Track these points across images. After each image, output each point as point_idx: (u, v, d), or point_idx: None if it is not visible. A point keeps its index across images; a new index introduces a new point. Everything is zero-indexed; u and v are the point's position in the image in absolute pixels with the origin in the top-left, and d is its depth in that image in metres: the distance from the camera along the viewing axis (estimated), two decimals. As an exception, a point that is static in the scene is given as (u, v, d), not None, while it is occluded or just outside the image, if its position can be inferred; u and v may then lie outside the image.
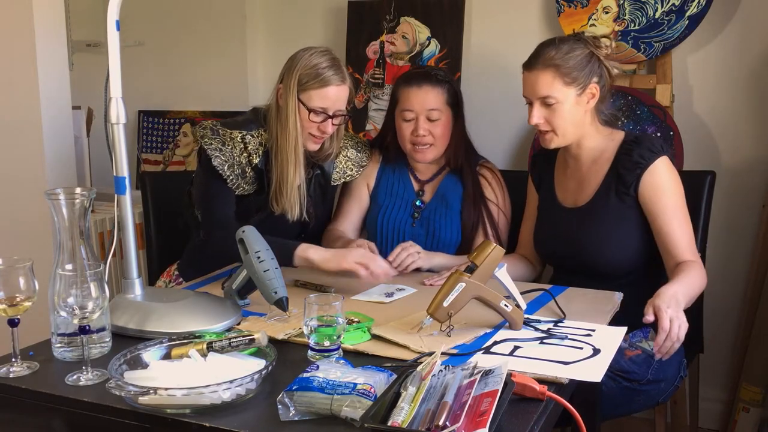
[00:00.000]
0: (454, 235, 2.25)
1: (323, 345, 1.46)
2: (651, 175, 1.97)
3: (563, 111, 1.98)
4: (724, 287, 2.62)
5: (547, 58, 1.97)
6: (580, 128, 2.03)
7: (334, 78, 2.07)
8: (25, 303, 1.44)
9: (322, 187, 2.26)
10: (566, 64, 1.96)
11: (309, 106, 2.07)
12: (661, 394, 2.00)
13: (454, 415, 1.15)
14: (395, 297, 1.89)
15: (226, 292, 1.79)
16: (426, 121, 2.20)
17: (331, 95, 2.07)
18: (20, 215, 2.55)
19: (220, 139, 2.10)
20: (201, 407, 1.26)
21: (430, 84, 2.21)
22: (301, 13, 3.12)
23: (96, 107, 3.18)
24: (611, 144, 2.05)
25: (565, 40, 2.01)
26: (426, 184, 2.33)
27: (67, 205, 1.48)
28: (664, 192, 1.97)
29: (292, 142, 2.08)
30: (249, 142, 2.12)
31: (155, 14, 3.32)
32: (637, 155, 1.98)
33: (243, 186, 2.13)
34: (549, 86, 1.97)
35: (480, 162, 2.32)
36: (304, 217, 2.19)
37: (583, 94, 1.99)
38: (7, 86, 2.53)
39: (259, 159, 2.12)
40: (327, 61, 2.08)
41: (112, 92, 1.62)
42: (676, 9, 2.47)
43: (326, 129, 2.10)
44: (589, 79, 1.98)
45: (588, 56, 1.98)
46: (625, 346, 1.94)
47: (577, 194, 2.09)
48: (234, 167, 2.10)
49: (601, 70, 2.00)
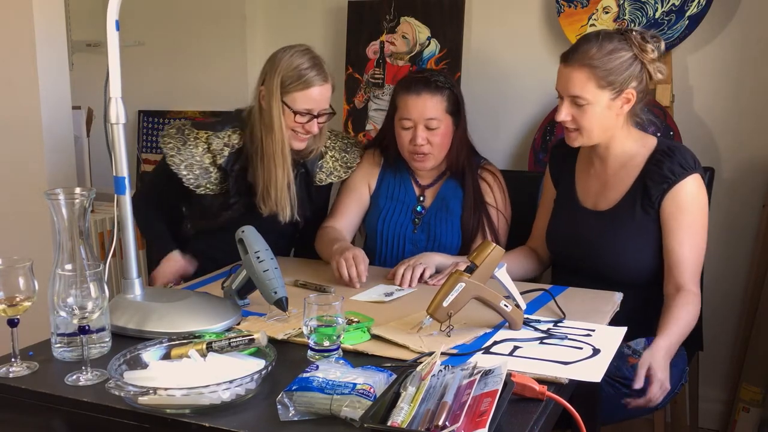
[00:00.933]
0: (455, 240, 2.24)
1: (323, 345, 1.46)
2: (677, 193, 1.89)
3: (593, 113, 1.89)
4: (724, 287, 2.62)
5: (586, 56, 1.86)
6: (610, 131, 1.94)
7: (316, 78, 2.07)
8: (24, 303, 1.44)
9: (307, 186, 2.26)
10: (605, 66, 1.84)
11: (294, 109, 2.07)
12: (662, 401, 2.00)
13: (453, 415, 1.14)
14: (394, 296, 1.89)
15: (226, 292, 1.79)
16: (424, 129, 2.17)
17: (315, 96, 2.08)
18: (20, 215, 2.54)
19: (182, 138, 2.14)
20: (201, 407, 1.26)
21: (429, 92, 2.16)
22: (301, 13, 3.11)
23: (96, 107, 3.18)
24: (642, 150, 1.97)
25: (610, 37, 1.88)
26: (427, 189, 2.31)
27: (66, 205, 1.48)
28: (685, 211, 1.90)
29: (278, 145, 2.09)
30: (212, 143, 2.14)
31: (155, 14, 3.32)
32: (667, 169, 1.90)
33: (207, 186, 2.16)
34: (582, 87, 1.87)
35: (481, 164, 2.31)
36: (296, 218, 2.21)
37: (617, 99, 1.88)
38: (7, 86, 2.53)
39: (223, 159, 2.14)
40: (308, 61, 2.08)
41: (112, 92, 1.62)
42: (676, 9, 2.47)
43: (312, 129, 2.11)
44: (627, 83, 1.87)
45: (631, 59, 1.86)
46: (628, 352, 1.93)
47: (599, 197, 2.01)
48: (193, 167, 2.13)
49: (642, 74, 1.88)
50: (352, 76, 2.96)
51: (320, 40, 3.09)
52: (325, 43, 3.09)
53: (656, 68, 1.90)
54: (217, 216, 2.21)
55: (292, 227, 2.27)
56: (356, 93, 2.96)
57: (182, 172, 2.12)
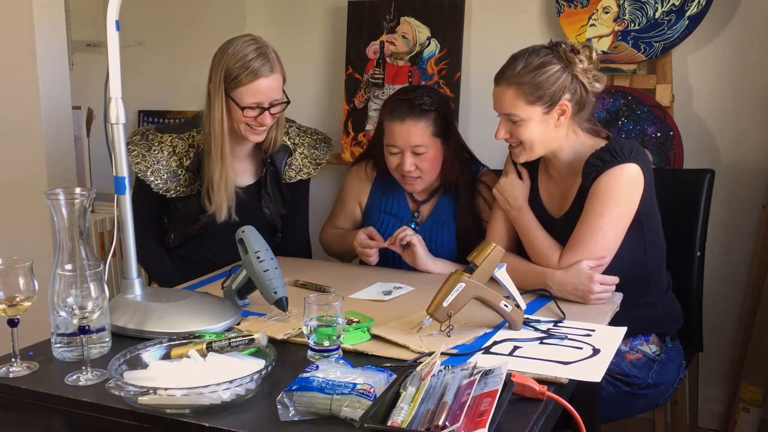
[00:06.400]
0: (452, 256, 2.20)
1: (323, 345, 1.46)
2: (602, 180, 1.83)
3: (528, 128, 1.88)
4: (724, 287, 2.62)
5: (513, 75, 1.87)
6: (552, 142, 1.92)
7: (262, 69, 2.00)
8: (24, 303, 1.44)
9: (277, 184, 2.25)
10: (532, 82, 1.85)
11: (242, 104, 2.02)
12: (661, 397, 2.01)
13: (453, 415, 1.15)
14: (393, 295, 1.89)
15: (226, 292, 1.79)
16: (411, 155, 2.13)
17: (262, 88, 2.02)
18: (20, 215, 2.54)
19: (146, 144, 2.11)
20: (200, 407, 1.26)
21: (413, 118, 2.10)
22: (301, 13, 3.12)
23: (96, 107, 3.19)
24: (590, 153, 1.93)
25: (536, 52, 1.88)
26: (422, 204, 2.28)
27: (66, 205, 1.48)
28: (602, 195, 1.83)
29: (218, 142, 2.05)
30: (177, 145, 2.12)
31: (155, 14, 3.32)
32: (595, 158, 1.86)
33: (177, 189, 2.13)
34: (512, 105, 1.88)
35: (479, 174, 2.26)
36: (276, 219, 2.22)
37: (551, 112, 1.87)
38: (7, 86, 2.53)
39: (189, 161, 2.12)
40: (253, 51, 2.01)
41: (112, 92, 1.62)
42: (676, 9, 2.47)
43: (264, 121, 2.07)
44: (559, 95, 1.86)
45: (559, 72, 1.85)
46: (625, 349, 1.94)
47: (560, 203, 2.00)
48: (160, 172, 2.10)
49: (575, 85, 1.87)
50: (352, 76, 2.96)
51: (320, 40, 3.09)
52: (325, 43, 3.09)
53: (592, 77, 1.88)
54: (195, 220, 2.18)
55: (271, 228, 2.27)
56: (356, 93, 2.95)
57: (149, 179, 2.10)
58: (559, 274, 1.82)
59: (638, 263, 1.93)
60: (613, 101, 2.55)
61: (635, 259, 1.92)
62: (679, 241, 2.18)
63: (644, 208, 1.88)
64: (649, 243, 1.94)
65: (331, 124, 3.03)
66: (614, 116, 2.54)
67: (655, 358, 1.96)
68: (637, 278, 1.93)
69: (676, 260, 2.11)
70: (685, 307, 2.12)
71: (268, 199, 2.23)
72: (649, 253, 1.95)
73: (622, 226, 1.85)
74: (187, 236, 2.23)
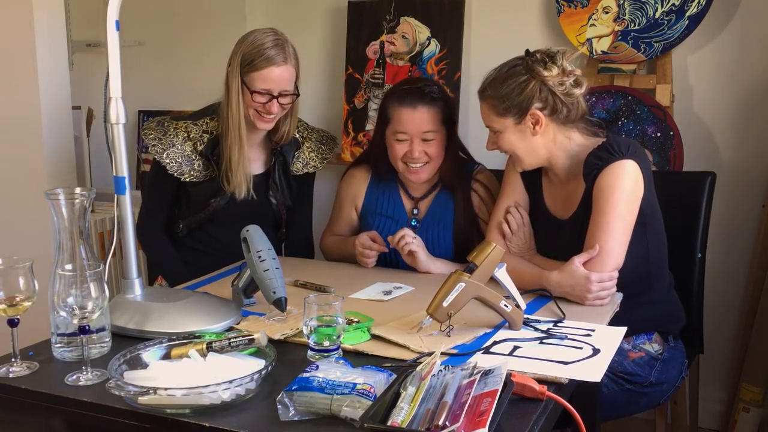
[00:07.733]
0: (450, 254, 2.21)
1: (323, 345, 1.46)
2: (603, 177, 1.84)
3: (506, 139, 1.92)
4: (724, 287, 2.62)
5: (486, 89, 1.93)
6: (539, 150, 1.93)
7: (276, 58, 2.07)
8: (24, 303, 1.44)
9: (285, 174, 2.29)
10: (498, 94, 1.89)
11: (252, 88, 2.09)
12: (663, 395, 2.01)
13: (453, 415, 1.15)
14: (393, 295, 1.89)
15: (234, 290, 1.80)
16: (421, 142, 2.14)
17: (274, 76, 2.08)
18: (20, 215, 2.55)
19: (162, 129, 2.18)
20: (201, 407, 1.26)
21: (425, 105, 2.12)
22: (301, 13, 3.12)
23: (96, 107, 3.19)
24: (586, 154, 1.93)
25: (508, 64, 1.92)
26: (420, 201, 2.28)
27: (66, 205, 1.48)
28: (606, 191, 1.83)
29: (235, 124, 2.12)
30: (191, 131, 2.18)
31: (155, 14, 3.32)
32: (593, 157, 1.87)
33: (191, 173, 2.17)
34: (487, 117, 1.94)
35: (474, 172, 2.27)
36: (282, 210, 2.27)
37: (523, 121, 1.89)
38: (8, 86, 2.53)
39: (203, 146, 2.17)
40: (270, 41, 2.09)
41: (112, 92, 1.62)
42: (676, 9, 2.47)
43: (272, 109, 2.11)
44: (527, 104, 1.87)
45: (524, 82, 1.87)
46: (628, 348, 1.94)
47: (565, 206, 1.99)
48: (176, 155, 2.16)
49: (545, 93, 1.86)
50: (352, 76, 2.96)
51: (320, 40, 3.09)
52: (325, 43, 3.09)
53: (571, 84, 1.87)
54: (206, 205, 2.22)
55: (276, 220, 2.31)
56: (356, 93, 2.96)
57: (165, 160, 2.14)
58: (555, 276, 1.82)
59: (641, 261, 1.93)
60: (613, 101, 2.55)
61: (638, 256, 1.92)
62: (680, 244, 2.18)
63: (646, 205, 1.89)
64: (652, 241, 1.95)
65: (331, 124, 3.02)
66: (614, 116, 2.54)
67: (657, 357, 1.96)
68: (640, 276, 1.93)
69: (676, 262, 2.11)
70: (686, 308, 2.12)
71: (275, 188, 2.27)
72: (652, 251, 1.95)
73: (628, 221, 1.85)
74: (196, 223, 2.27)
